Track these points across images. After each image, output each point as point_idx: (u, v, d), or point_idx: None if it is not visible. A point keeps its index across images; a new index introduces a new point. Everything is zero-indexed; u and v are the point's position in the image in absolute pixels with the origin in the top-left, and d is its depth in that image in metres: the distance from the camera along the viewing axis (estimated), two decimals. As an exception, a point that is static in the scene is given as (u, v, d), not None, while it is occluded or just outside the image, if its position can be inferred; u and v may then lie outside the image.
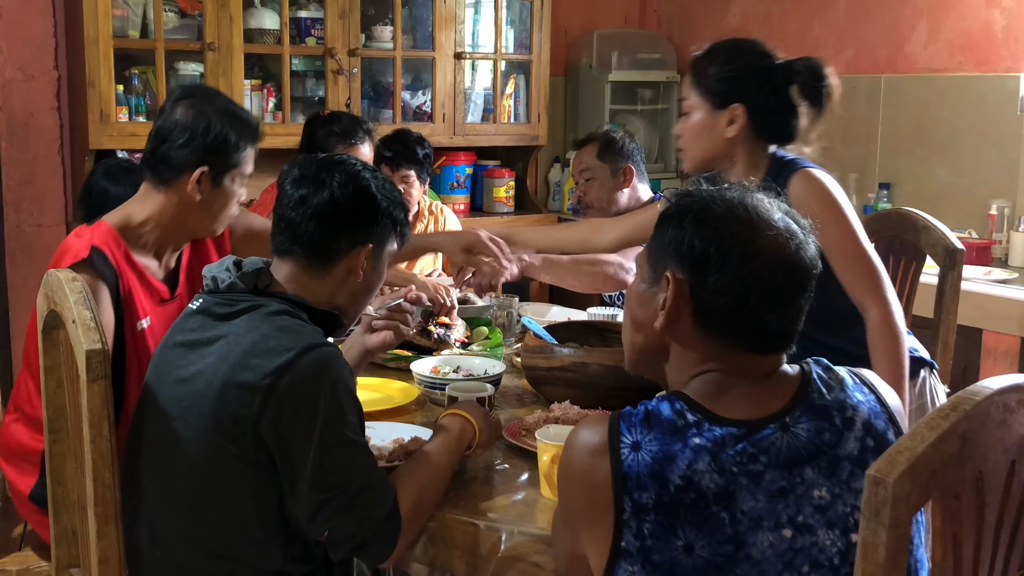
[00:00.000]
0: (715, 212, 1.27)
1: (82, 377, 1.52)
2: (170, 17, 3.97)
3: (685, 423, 1.23)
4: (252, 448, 1.55)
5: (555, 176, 5.17)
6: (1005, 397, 1.16)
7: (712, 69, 2.10)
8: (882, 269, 2.05)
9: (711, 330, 1.28)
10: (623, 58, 5.02)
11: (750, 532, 1.20)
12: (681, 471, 1.19)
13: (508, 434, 1.93)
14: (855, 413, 1.28)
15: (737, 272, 1.24)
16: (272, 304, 1.65)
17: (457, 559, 1.62)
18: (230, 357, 1.58)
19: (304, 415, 1.53)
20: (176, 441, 1.61)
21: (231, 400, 1.55)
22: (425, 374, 2.22)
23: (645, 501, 1.19)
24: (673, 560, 1.19)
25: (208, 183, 2.02)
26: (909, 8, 4.15)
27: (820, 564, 1.23)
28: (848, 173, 4.29)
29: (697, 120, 2.12)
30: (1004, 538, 1.23)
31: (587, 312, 2.72)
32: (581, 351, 2.12)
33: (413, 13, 4.58)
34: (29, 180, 4.07)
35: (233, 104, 2.10)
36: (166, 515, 1.65)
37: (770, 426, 1.24)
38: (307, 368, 1.55)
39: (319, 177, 1.71)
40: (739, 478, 1.20)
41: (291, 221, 1.70)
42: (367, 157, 3.11)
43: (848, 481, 1.25)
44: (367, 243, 1.73)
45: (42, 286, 1.70)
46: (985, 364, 3.24)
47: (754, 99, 2.07)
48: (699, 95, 2.11)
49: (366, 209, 1.72)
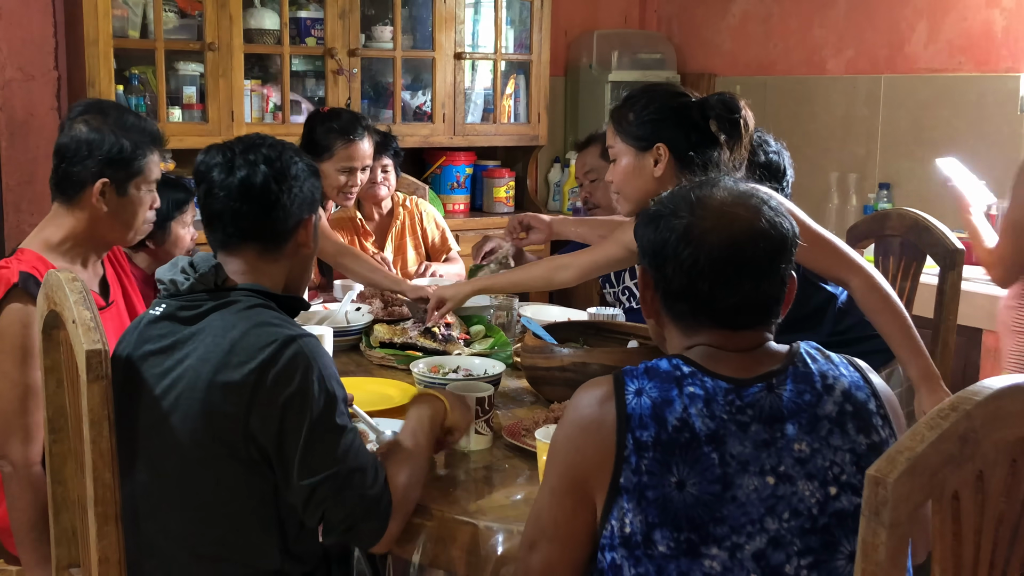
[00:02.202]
0: (664, 211, 1.43)
1: (82, 377, 1.52)
2: (170, 17, 3.97)
3: (681, 374, 1.35)
4: (243, 445, 1.56)
5: (555, 176, 5.17)
6: (1005, 397, 1.16)
7: (631, 115, 2.21)
8: (841, 242, 2.16)
9: (679, 310, 1.42)
10: (623, 58, 5.02)
11: (737, 475, 1.30)
12: (678, 414, 1.31)
13: (508, 434, 1.93)
14: (835, 381, 1.38)
15: (681, 259, 1.38)
16: (240, 299, 1.64)
17: (457, 559, 1.62)
18: (211, 358, 1.57)
19: (293, 407, 1.55)
20: (166, 448, 1.60)
21: (218, 400, 1.55)
22: (425, 374, 2.22)
23: (645, 439, 1.30)
24: (665, 496, 1.28)
25: (112, 194, 2.08)
26: (909, 8, 4.15)
27: (800, 512, 1.31)
28: (848, 173, 4.29)
29: (626, 164, 2.23)
30: (1004, 538, 1.23)
31: (587, 312, 2.72)
32: (581, 351, 2.12)
33: (413, 13, 4.58)
34: (29, 180, 4.06)
35: (130, 114, 2.18)
36: (160, 524, 1.64)
37: (757, 385, 1.35)
38: (290, 361, 1.56)
39: (249, 160, 1.69)
40: (728, 424, 1.31)
41: (236, 212, 1.68)
42: (368, 152, 3.13)
43: (827, 438, 1.34)
44: (311, 214, 1.75)
45: (42, 286, 1.70)
46: (985, 364, 3.24)
47: (674, 137, 2.18)
48: (623, 141, 2.23)
49: (303, 179, 1.73)
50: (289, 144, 1.76)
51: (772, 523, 1.30)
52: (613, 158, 2.26)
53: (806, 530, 1.31)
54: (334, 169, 3.09)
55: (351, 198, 3.17)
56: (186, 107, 4.04)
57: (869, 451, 1.34)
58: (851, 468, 1.33)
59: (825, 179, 4.32)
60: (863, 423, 1.36)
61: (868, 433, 1.36)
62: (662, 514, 1.28)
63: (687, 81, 5.12)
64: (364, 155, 3.12)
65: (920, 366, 2.08)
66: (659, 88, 2.28)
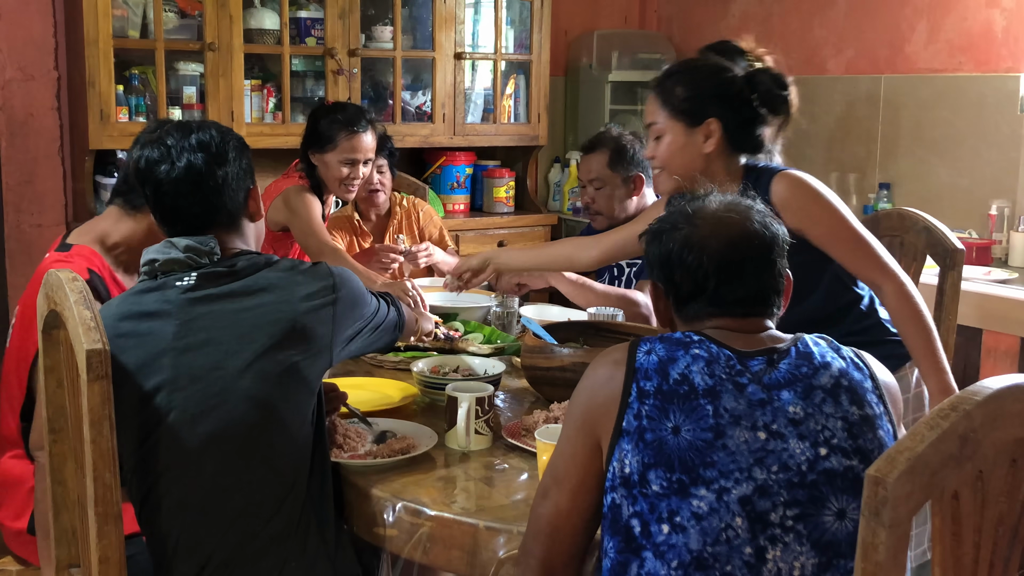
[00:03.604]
0: (665, 226, 1.56)
1: (82, 377, 1.52)
2: (170, 17, 3.97)
3: (690, 340, 1.47)
4: (325, 336, 1.74)
5: (555, 176, 5.17)
6: (1005, 397, 1.16)
7: (680, 90, 2.17)
8: (880, 246, 2.14)
9: (691, 311, 1.54)
10: (623, 58, 5.02)
11: (729, 426, 1.38)
12: (680, 370, 1.42)
13: (508, 434, 1.93)
14: (834, 360, 1.46)
15: (687, 264, 1.51)
16: (257, 262, 1.76)
17: (457, 559, 1.62)
18: (286, 295, 1.71)
19: (359, 298, 1.84)
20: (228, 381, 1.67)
21: (309, 321, 1.71)
22: (425, 374, 2.22)
23: (648, 388, 1.41)
24: (661, 439, 1.38)
25: None
26: (909, 8, 4.15)
27: (788, 467, 1.37)
28: (848, 173, 4.29)
29: (672, 141, 2.18)
30: (1004, 538, 1.23)
31: (587, 312, 2.72)
32: (581, 351, 2.12)
33: (413, 13, 4.58)
34: (29, 180, 4.07)
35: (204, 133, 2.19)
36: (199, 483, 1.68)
37: (758, 358, 1.45)
38: (342, 274, 1.80)
39: (186, 148, 1.75)
40: (726, 383, 1.41)
41: (189, 205, 1.75)
42: (370, 146, 3.13)
43: (820, 405, 1.41)
44: (253, 184, 1.85)
45: (42, 286, 1.70)
46: (985, 364, 3.24)
47: (725, 113, 2.15)
48: (670, 116, 2.18)
49: (244, 152, 1.83)
50: (211, 122, 1.84)
51: (760, 473, 1.36)
52: (656, 135, 2.20)
53: (794, 483, 1.36)
54: (336, 160, 3.09)
55: (352, 191, 3.17)
56: (186, 107, 4.04)
57: (862, 421, 1.41)
58: (842, 434, 1.39)
59: (825, 179, 4.27)
60: (856, 396, 1.42)
61: (861, 406, 1.42)
62: (657, 455, 1.38)
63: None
64: (367, 148, 3.12)
65: (939, 381, 2.09)
66: (706, 62, 2.23)
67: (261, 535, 1.67)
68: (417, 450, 1.86)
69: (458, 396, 1.92)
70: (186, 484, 1.67)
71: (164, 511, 1.68)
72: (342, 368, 2.39)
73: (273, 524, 1.68)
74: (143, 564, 1.75)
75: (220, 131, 1.80)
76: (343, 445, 1.88)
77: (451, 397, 1.93)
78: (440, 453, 1.90)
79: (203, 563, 1.66)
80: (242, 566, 1.67)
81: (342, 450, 1.87)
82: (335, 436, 1.89)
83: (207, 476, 1.66)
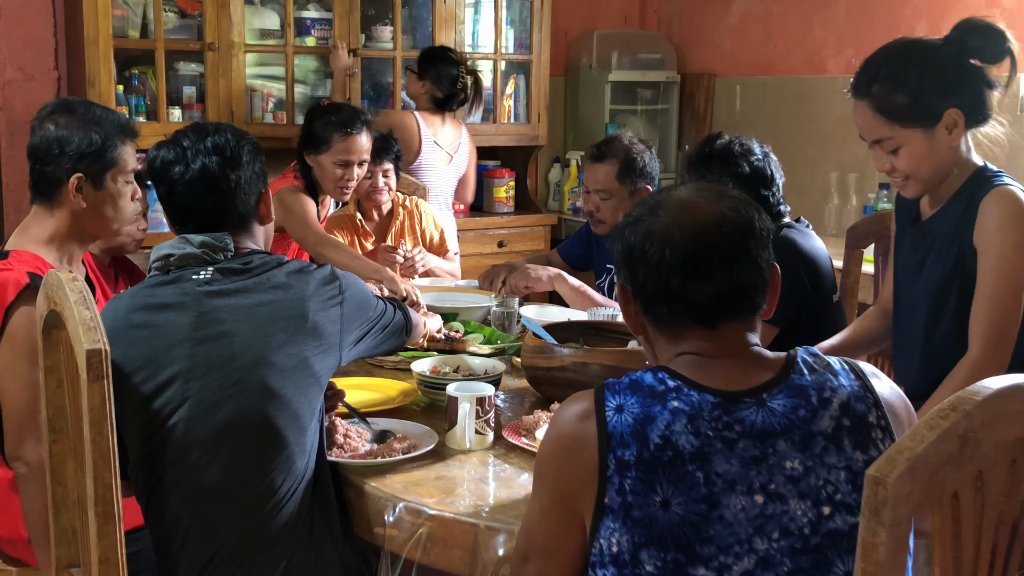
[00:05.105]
0: (628, 221, 1.42)
1: (82, 377, 1.52)
2: (170, 17, 3.97)
3: (665, 388, 1.31)
4: (334, 335, 1.78)
5: (555, 176, 5.17)
6: (1005, 397, 1.16)
7: (902, 97, 1.99)
8: (1015, 324, 1.93)
9: (658, 313, 1.38)
10: (623, 58, 5.02)
11: (723, 494, 1.26)
12: (660, 431, 1.28)
13: (508, 434, 1.93)
14: (833, 394, 1.32)
15: (648, 258, 1.35)
16: (269, 261, 1.79)
17: (457, 559, 1.62)
18: (298, 294, 1.74)
19: (366, 300, 1.89)
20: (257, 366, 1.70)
21: (319, 319, 1.75)
22: (425, 374, 2.22)
23: (627, 458, 1.27)
24: (651, 516, 1.26)
25: (89, 188, 2.09)
26: (909, 8, 4.15)
27: (790, 532, 1.27)
28: (848, 173, 4.29)
29: (914, 150, 2.00)
30: (1004, 538, 1.23)
31: (587, 312, 2.72)
32: (581, 351, 2.12)
33: (413, 13, 4.58)
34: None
35: (97, 107, 2.20)
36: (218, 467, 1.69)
37: (746, 400, 1.30)
38: (348, 276, 1.86)
39: (200, 151, 1.77)
40: (714, 442, 1.27)
41: (203, 207, 1.78)
42: (366, 147, 3.13)
43: (821, 456, 1.29)
44: (265, 188, 1.87)
45: (42, 286, 1.71)
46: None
47: (961, 96, 1.99)
48: (905, 127, 2.00)
49: (258, 156, 1.85)
50: (227, 124, 1.86)
51: (761, 543, 1.26)
52: (890, 149, 2.02)
53: (797, 550, 1.27)
54: (331, 162, 3.10)
55: (347, 193, 3.17)
56: (186, 107, 4.04)
57: (866, 468, 1.28)
58: (846, 487, 1.28)
59: (825, 179, 4.31)
60: (861, 438, 1.31)
61: (866, 448, 1.30)
62: (648, 534, 1.26)
63: (687, 81, 5.13)
64: (361, 149, 3.12)
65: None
66: (912, 49, 2.05)
67: (271, 524, 1.69)
68: (417, 450, 1.87)
69: (459, 396, 1.92)
70: (199, 474, 1.68)
71: (174, 502, 1.69)
72: (342, 368, 2.38)
73: (282, 514, 1.70)
74: (149, 558, 1.76)
75: (235, 134, 1.82)
76: (343, 445, 1.89)
77: (451, 397, 1.93)
78: (440, 453, 1.90)
79: (212, 553, 1.68)
80: (251, 556, 1.68)
81: (342, 450, 1.88)
82: (335, 436, 1.89)
83: (221, 465, 1.68)
